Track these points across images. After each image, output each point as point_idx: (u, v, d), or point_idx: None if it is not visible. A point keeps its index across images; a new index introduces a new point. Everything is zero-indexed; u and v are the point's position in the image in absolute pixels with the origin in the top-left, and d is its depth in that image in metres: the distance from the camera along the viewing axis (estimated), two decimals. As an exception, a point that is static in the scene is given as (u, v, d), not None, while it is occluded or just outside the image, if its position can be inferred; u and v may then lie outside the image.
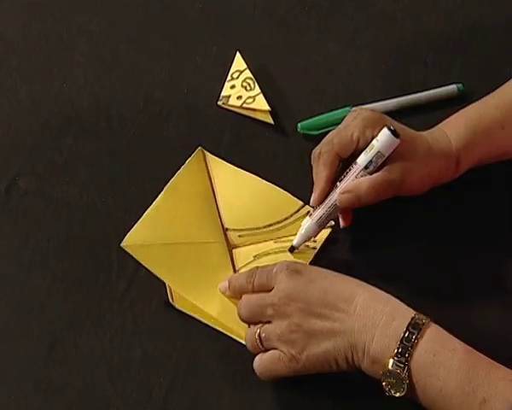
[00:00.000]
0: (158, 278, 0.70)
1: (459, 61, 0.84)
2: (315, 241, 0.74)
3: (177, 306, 0.71)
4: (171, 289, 0.71)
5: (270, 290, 0.65)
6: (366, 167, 0.69)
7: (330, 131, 0.73)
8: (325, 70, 0.86)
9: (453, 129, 0.72)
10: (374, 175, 0.69)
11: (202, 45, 0.88)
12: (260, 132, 0.82)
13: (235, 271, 0.72)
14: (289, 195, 0.76)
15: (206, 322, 0.70)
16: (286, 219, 0.75)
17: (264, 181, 0.77)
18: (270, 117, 0.82)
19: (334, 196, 0.70)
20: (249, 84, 0.85)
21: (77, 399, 0.67)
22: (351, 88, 0.84)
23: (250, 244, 0.74)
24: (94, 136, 0.82)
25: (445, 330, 0.62)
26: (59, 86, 0.85)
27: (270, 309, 0.64)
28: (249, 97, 0.84)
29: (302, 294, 0.63)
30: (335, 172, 0.71)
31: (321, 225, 0.72)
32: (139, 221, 0.72)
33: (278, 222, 0.75)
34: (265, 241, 0.74)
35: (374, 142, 0.69)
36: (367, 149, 0.70)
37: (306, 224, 0.72)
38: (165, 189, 0.75)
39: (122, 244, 0.70)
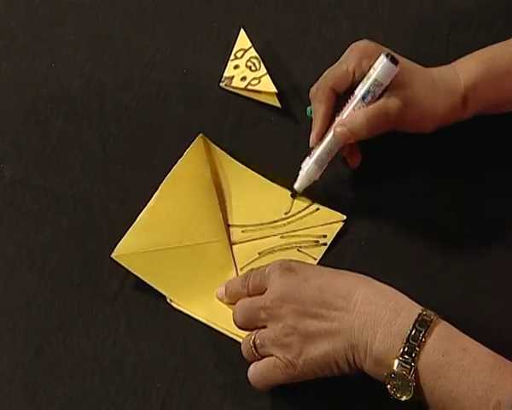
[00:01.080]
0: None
1: (483, 41, 0.83)
2: (325, 236, 0.74)
3: (175, 305, 0.71)
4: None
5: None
6: (363, 98, 0.71)
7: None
8: (336, 49, 0.84)
9: (464, 67, 0.74)
10: (370, 106, 0.71)
11: (203, 22, 0.88)
12: (266, 116, 0.81)
13: (237, 270, 0.73)
14: (297, 194, 0.76)
15: (205, 322, 0.70)
16: (293, 215, 0.75)
17: (270, 182, 0.77)
18: (277, 100, 0.82)
19: (331, 132, 0.72)
20: (254, 64, 0.84)
21: (67, 405, 0.67)
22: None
23: (253, 240, 0.74)
24: (85, 120, 0.82)
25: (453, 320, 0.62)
26: (47, 66, 0.85)
27: (264, 313, 0.64)
28: (254, 78, 0.83)
29: (296, 294, 0.63)
30: (332, 109, 0.73)
31: (321, 165, 0.73)
32: (130, 229, 0.72)
33: (285, 219, 0.75)
34: (270, 237, 0.74)
35: (371, 71, 0.70)
36: (364, 80, 0.71)
37: (306, 165, 0.73)
38: (159, 188, 0.75)
39: (113, 255, 0.71)
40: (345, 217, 0.75)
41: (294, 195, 0.73)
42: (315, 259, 0.73)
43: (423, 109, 0.72)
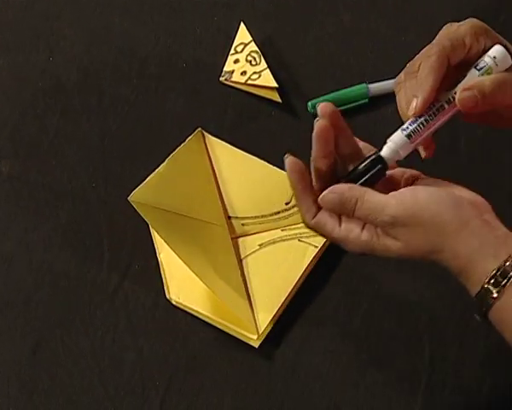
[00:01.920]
0: (153, 270, 0.70)
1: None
2: None
3: (175, 302, 0.71)
4: (167, 283, 0.71)
5: None
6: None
7: (344, 110, 0.72)
8: (338, 43, 0.85)
9: None
10: (495, 74, 0.63)
11: (203, 15, 0.87)
12: (267, 111, 0.81)
13: (240, 260, 0.73)
14: None
15: (205, 319, 0.70)
16: (294, 206, 0.75)
17: (271, 165, 0.77)
18: (278, 95, 0.82)
19: (437, 107, 0.63)
20: (254, 59, 0.84)
21: (65, 403, 0.67)
22: (366, 63, 0.83)
23: (255, 233, 0.74)
24: (83, 115, 0.81)
25: None
26: (44, 60, 0.85)
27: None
28: (254, 73, 0.83)
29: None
30: (441, 82, 0.64)
31: (413, 142, 0.64)
32: (147, 180, 0.73)
33: (286, 210, 0.75)
34: (272, 230, 0.74)
35: (486, 59, 0.64)
36: (478, 65, 0.64)
37: (395, 136, 0.63)
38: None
39: (129, 198, 0.71)
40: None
41: (381, 162, 0.63)
42: (316, 247, 0.73)
43: None
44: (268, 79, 0.82)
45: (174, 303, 0.71)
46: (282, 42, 0.85)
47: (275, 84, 0.82)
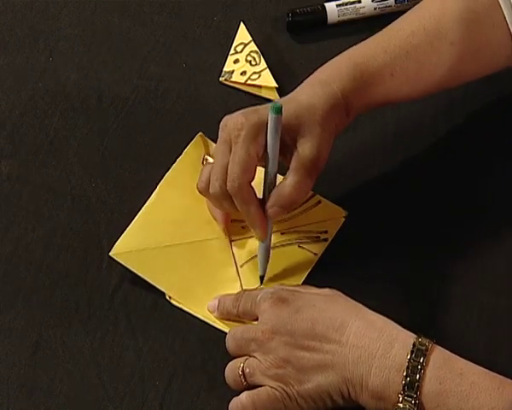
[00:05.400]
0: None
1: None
2: (326, 232, 0.74)
3: (174, 302, 0.71)
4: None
5: (258, 319, 0.66)
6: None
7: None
8: (338, 43, 0.85)
9: (337, 76, 0.70)
10: (289, 174, 0.67)
11: (203, 15, 0.88)
12: (266, 112, 0.82)
13: (237, 266, 0.73)
14: None
15: (205, 320, 0.70)
16: (295, 208, 0.75)
17: None
18: (278, 94, 0.82)
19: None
20: (254, 59, 0.84)
21: (64, 404, 0.67)
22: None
23: (254, 237, 0.74)
24: (83, 115, 0.82)
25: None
26: (44, 60, 0.85)
27: (254, 344, 0.64)
28: (254, 73, 0.83)
29: (288, 326, 0.63)
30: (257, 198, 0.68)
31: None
32: (129, 227, 0.73)
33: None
34: (271, 233, 0.74)
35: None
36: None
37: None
38: (157, 187, 0.75)
39: (111, 253, 0.71)
40: (346, 212, 0.75)
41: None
42: (316, 254, 0.73)
43: (326, 138, 0.68)
44: (268, 79, 0.82)
45: (174, 303, 0.71)
46: (282, 42, 0.85)
47: (275, 84, 0.82)
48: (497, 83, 0.80)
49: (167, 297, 0.71)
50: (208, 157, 0.69)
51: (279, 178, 0.69)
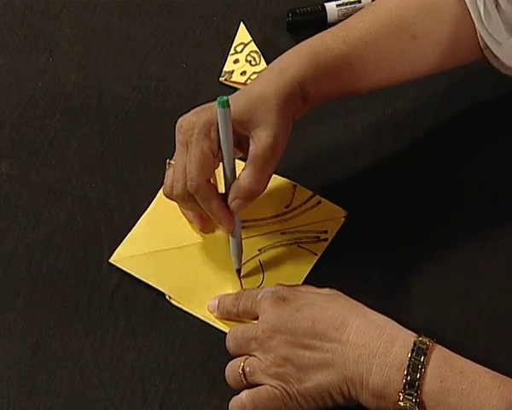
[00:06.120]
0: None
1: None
2: (326, 232, 0.74)
3: (175, 302, 0.71)
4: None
5: (258, 318, 0.66)
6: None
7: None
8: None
9: (295, 64, 0.70)
10: (247, 165, 0.67)
11: (203, 15, 0.88)
12: (266, 112, 0.82)
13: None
14: (298, 185, 0.76)
15: (205, 320, 0.70)
16: (295, 209, 0.76)
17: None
18: (278, 95, 0.82)
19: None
20: (254, 59, 0.84)
21: (64, 404, 0.67)
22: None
23: (254, 236, 0.74)
24: (83, 115, 0.82)
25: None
26: (44, 60, 0.85)
27: (254, 343, 0.64)
28: (254, 73, 0.83)
29: (288, 324, 0.63)
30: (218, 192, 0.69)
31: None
32: (128, 235, 0.73)
33: (286, 213, 0.75)
34: (271, 232, 0.74)
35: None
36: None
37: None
38: (157, 194, 0.75)
39: (111, 260, 0.72)
40: (346, 212, 0.75)
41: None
42: (316, 254, 0.73)
43: (283, 125, 0.68)
44: (268, 79, 0.82)
45: (174, 304, 0.71)
46: (282, 42, 0.85)
47: (275, 85, 0.82)
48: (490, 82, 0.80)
49: (167, 297, 0.71)
50: (171, 161, 0.69)
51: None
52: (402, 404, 0.60)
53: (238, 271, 0.72)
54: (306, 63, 0.70)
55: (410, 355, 0.60)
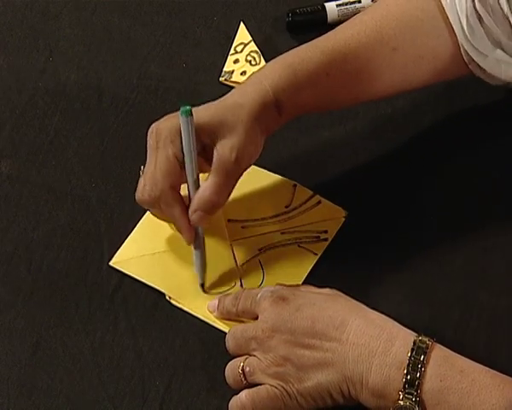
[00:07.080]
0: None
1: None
2: (326, 232, 0.74)
3: (175, 302, 0.71)
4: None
5: (257, 317, 0.66)
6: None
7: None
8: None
9: (270, 74, 0.69)
10: (209, 176, 0.67)
11: (203, 15, 0.88)
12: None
13: (237, 266, 0.73)
14: (298, 184, 0.76)
15: (205, 320, 0.70)
16: (295, 208, 0.76)
17: (271, 173, 0.77)
18: (278, 95, 0.82)
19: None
20: (254, 59, 0.84)
21: (64, 404, 0.67)
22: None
23: (254, 236, 0.74)
24: (83, 115, 0.82)
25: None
26: (44, 60, 0.85)
27: (254, 342, 0.64)
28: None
29: (288, 324, 0.63)
30: (182, 201, 0.68)
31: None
32: (128, 239, 0.73)
33: (286, 213, 0.75)
34: (271, 232, 0.75)
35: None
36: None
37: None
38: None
39: (111, 263, 0.72)
40: (346, 212, 0.75)
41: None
42: (316, 254, 0.73)
43: (252, 136, 0.68)
44: (268, 79, 0.82)
45: (174, 304, 0.71)
46: (282, 42, 0.86)
47: (275, 85, 0.82)
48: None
49: (167, 297, 0.72)
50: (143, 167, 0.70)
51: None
52: (402, 403, 0.60)
53: (202, 286, 0.71)
54: (281, 72, 0.69)
55: (409, 354, 0.60)
